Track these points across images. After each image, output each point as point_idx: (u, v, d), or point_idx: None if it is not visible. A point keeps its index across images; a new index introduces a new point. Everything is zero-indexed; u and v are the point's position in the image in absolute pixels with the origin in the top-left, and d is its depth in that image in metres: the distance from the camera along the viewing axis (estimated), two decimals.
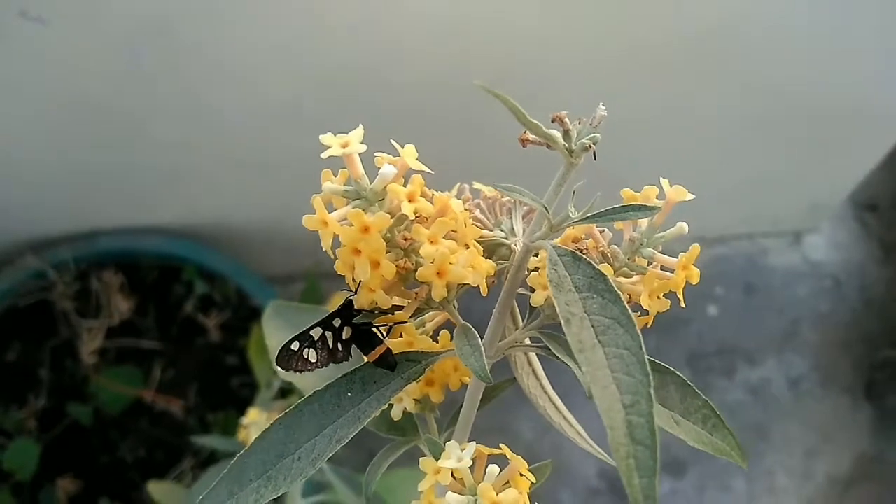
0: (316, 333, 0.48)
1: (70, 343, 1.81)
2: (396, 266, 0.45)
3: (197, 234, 1.82)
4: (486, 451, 0.48)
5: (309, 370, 0.48)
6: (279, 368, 0.47)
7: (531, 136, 0.45)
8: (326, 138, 0.45)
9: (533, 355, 0.54)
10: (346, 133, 0.45)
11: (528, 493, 0.47)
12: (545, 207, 0.45)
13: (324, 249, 0.44)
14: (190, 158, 1.63)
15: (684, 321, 1.82)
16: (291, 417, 0.50)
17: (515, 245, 0.51)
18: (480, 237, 0.49)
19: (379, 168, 0.46)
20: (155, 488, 1.24)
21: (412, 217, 0.44)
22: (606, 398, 0.37)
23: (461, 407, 0.56)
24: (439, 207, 0.46)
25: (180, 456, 1.72)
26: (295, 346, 0.47)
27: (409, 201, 0.44)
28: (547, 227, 0.46)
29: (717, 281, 1.84)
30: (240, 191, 1.75)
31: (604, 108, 0.45)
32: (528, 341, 0.51)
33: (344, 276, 0.48)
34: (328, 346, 0.48)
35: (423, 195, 0.45)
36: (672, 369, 0.51)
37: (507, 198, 0.55)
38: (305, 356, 0.47)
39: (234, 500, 0.48)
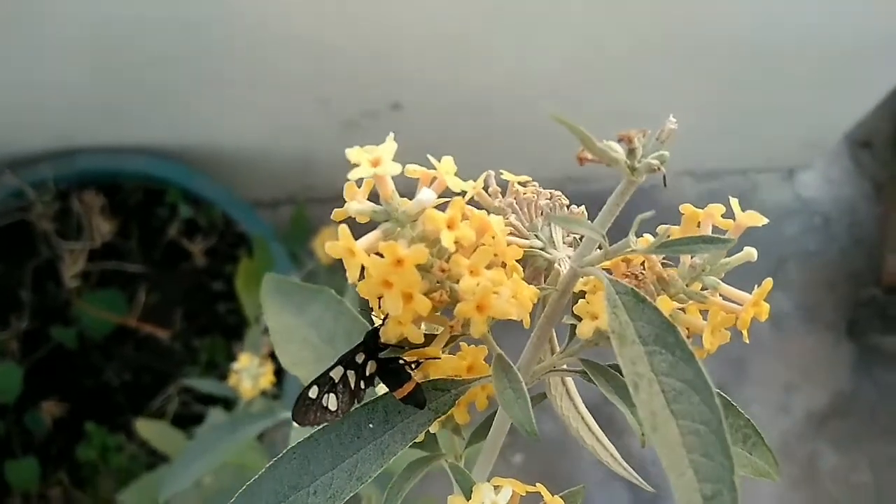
0: (337, 374, 0.42)
1: (51, 265, 1.73)
2: (431, 300, 0.38)
3: (182, 156, 1.72)
4: (521, 490, 0.43)
5: (328, 421, 0.41)
6: (296, 423, 0.41)
7: (590, 156, 0.37)
8: (354, 154, 0.38)
9: (569, 378, 0.48)
10: (375, 147, 0.38)
11: None
12: (603, 237, 0.38)
13: (350, 283, 0.38)
14: (175, 76, 1.52)
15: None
16: (306, 447, 0.44)
17: (560, 265, 0.44)
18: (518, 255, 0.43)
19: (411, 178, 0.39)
20: (144, 427, 1.20)
21: (452, 249, 0.37)
22: (683, 488, 0.32)
23: (486, 420, 0.50)
24: (477, 227, 0.39)
25: (167, 381, 1.67)
26: (313, 392, 0.41)
27: (449, 228, 0.37)
28: (601, 254, 0.39)
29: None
30: (226, 112, 1.65)
31: (674, 120, 0.38)
32: (565, 365, 0.45)
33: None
34: (350, 387, 0.42)
35: (464, 217, 0.38)
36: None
37: (545, 201, 0.48)
38: (325, 404, 0.41)
39: None
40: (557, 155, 1.86)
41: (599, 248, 0.40)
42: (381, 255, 0.37)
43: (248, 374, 1.13)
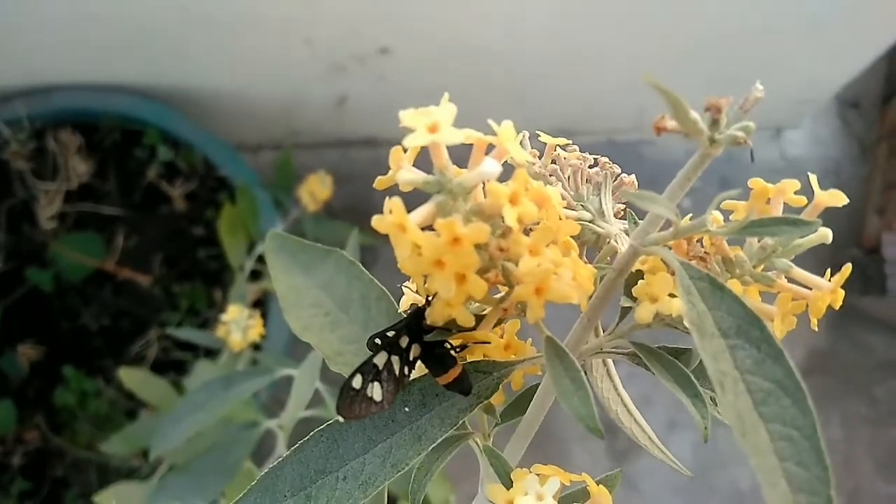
0: (381, 360, 0.37)
1: (27, 205, 1.66)
2: (485, 280, 0.34)
3: (161, 96, 1.64)
4: (566, 479, 0.40)
5: (374, 413, 0.37)
6: (341, 418, 0.37)
7: (670, 125, 0.33)
8: (409, 117, 0.33)
9: (610, 360, 0.45)
10: (432, 109, 0.33)
11: None
12: (676, 215, 0.34)
13: (398, 263, 0.33)
14: (155, 12, 1.43)
15: None
16: (334, 429, 0.40)
17: (617, 241, 0.40)
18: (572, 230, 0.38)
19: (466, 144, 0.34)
20: (127, 375, 1.15)
21: (517, 227, 0.33)
22: (777, 500, 0.28)
23: (518, 398, 0.47)
24: (536, 201, 0.35)
25: (146, 327, 1.62)
26: (357, 382, 0.36)
27: (512, 204, 0.33)
28: (670, 233, 0.35)
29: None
30: (207, 51, 1.57)
31: (761, 88, 0.34)
32: (613, 348, 0.42)
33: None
34: (394, 374, 0.37)
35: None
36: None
37: (595, 168, 0.43)
38: (370, 395, 0.37)
39: None
40: (553, 108, 1.81)
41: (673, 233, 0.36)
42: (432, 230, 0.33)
43: (237, 325, 1.08)
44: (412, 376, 0.39)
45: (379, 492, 0.45)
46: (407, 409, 0.40)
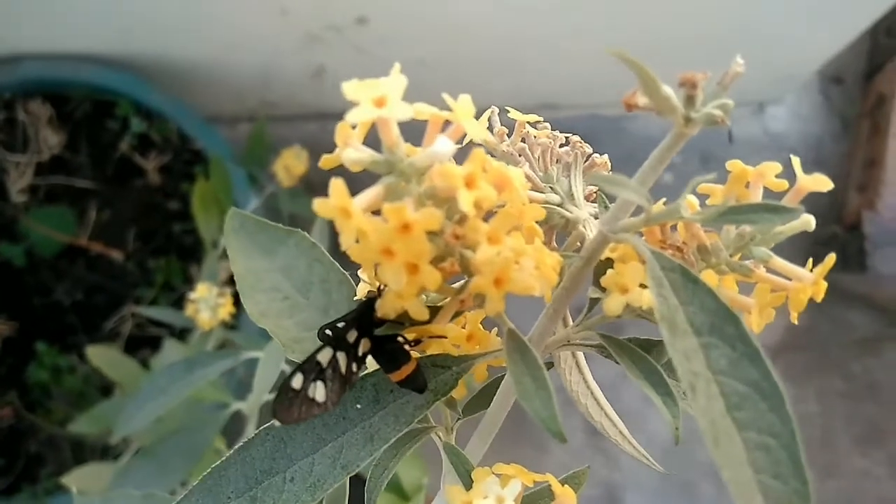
0: (325, 357, 0.34)
1: None
2: (440, 269, 0.31)
3: (133, 66, 1.58)
4: (528, 480, 0.37)
5: (315, 415, 0.34)
6: (278, 422, 0.34)
7: (641, 102, 0.30)
8: (352, 89, 0.30)
9: (580, 351, 0.42)
10: (379, 81, 0.30)
11: None
12: (648, 200, 0.31)
13: (343, 248, 0.30)
14: None
15: None
16: (281, 427, 0.37)
17: (585, 227, 0.37)
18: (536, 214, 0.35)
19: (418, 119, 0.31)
20: (95, 353, 1.11)
21: (472, 213, 0.30)
22: None
23: (482, 391, 0.44)
24: (496, 183, 0.32)
25: (121, 302, 1.58)
26: (297, 382, 0.33)
27: (468, 187, 0.30)
28: (641, 220, 0.32)
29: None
30: (180, 19, 1.51)
31: (741, 62, 0.31)
32: (580, 340, 0.39)
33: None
34: (340, 372, 0.34)
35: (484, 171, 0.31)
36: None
37: (565, 147, 0.40)
38: (311, 395, 0.34)
39: None
40: (535, 82, 1.77)
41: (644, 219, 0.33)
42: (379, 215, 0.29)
43: (206, 304, 1.05)
44: (365, 370, 0.36)
45: (338, 491, 0.42)
46: (359, 405, 0.37)
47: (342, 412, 0.37)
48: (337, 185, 0.29)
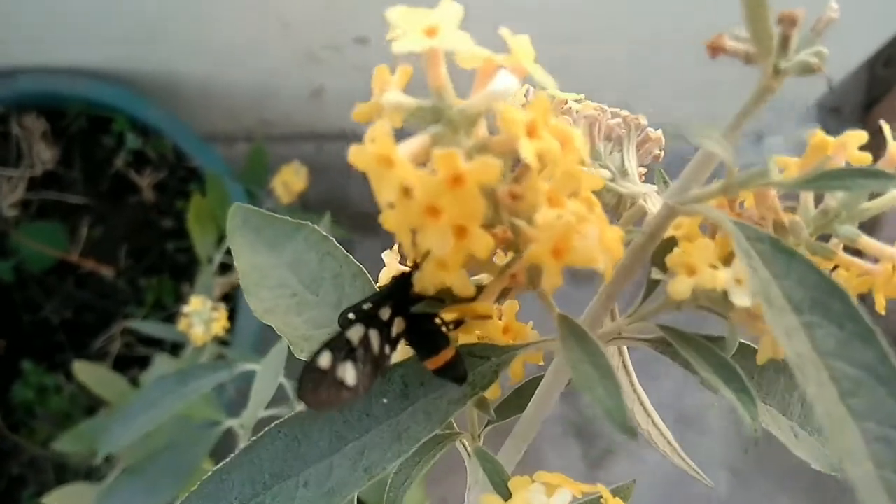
0: (356, 335, 0.29)
1: None
2: (493, 235, 0.26)
3: (131, 81, 1.54)
4: (577, 490, 0.32)
5: (345, 401, 0.29)
6: (304, 405, 0.29)
7: (729, 45, 0.26)
8: (399, 15, 0.25)
9: (625, 348, 0.37)
10: (429, 9, 0.25)
11: None
12: (732, 157, 0.27)
13: (379, 205, 0.25)
14: None
15: None
16: (295, 424, 0.32)
17: (646, 201, 0.32)
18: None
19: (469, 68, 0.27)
20: (82, 370, 1.05)
21: (536, 166, 0.25)
22: None
23: (513, 393, 0.39)
24: (559, 139, 0.27)
25: (110, 321, 1.52)
26: (325, 361, 0.28)
27: (529, 137, 0.25)
28: (718, 187, 0.28)
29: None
30: (179, 36, 1.48)
31: (836, 7, 0.27)
32: (634, 332, 0.34)
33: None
34: (372, 352, 0.29)
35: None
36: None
37: (615, 120, 0.36)
38: (340, 377, 0.29)
39: None
40: None
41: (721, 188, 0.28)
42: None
43: (200, 318, 0.99)
44: (393, 360, 0.31)
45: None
46: (385, 400, 0.32)
47: (365, 407, 0.32)
48: (380, 129, 0.24)
